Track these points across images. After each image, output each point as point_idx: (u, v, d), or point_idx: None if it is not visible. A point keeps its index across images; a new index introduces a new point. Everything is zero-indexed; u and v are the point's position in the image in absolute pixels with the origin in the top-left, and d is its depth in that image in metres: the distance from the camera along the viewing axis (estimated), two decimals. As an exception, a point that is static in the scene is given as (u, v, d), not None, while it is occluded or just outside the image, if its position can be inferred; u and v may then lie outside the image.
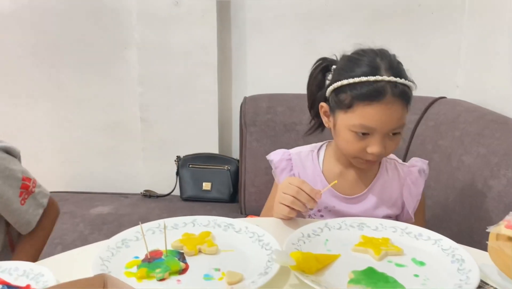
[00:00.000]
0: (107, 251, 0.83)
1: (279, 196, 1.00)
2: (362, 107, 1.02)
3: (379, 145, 1.03)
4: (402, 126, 1.06)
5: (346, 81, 1.04)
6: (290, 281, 0.77)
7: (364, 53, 1.07)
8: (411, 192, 1.15)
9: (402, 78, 1.03)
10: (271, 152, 1.23)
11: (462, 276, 0.77)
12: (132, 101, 2.12)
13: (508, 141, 1.32)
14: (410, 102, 1.05)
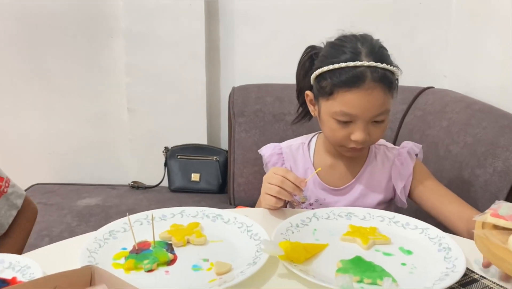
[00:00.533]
0: (94, 243, 0.83)
1: (265, 187, 1.00)
2: (342, 94, 1.01)
3: (362, 132, 1.02)
4: (386, 112, 1.04)
5: (326, 68, 1.03)
6: (278, 271, 0.78)
7: (346, 39, 1.06)
8: (400, 172, 1.14)
9: (384, 63, 1.01)
10: (263, 146, 1.23)
11: (449, 264, 0.78)
12: (119, 91, 2.09)
13: (494, 131, 1.34)
14: (393, 87, 1.04)
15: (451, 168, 1.41)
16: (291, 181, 0.97)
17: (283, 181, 0.97)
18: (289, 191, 0.97)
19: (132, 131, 2.11)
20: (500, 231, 0.65)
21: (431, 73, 1.99)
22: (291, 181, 0.97)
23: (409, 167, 1.14)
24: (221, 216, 0.95)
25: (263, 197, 1.01)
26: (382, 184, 1.15)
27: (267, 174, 1.03)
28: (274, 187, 0.97)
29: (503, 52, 1.63)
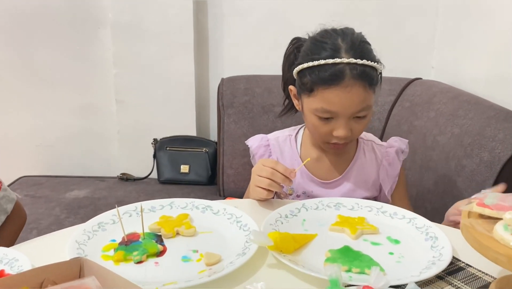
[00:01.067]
0: (83, 235, 0.82)
1: (255, 179, 1.00)
2: (322, 91, 1.01)
3: (344, 128, 1.02)
4: (367, 108, 1.03)
5: (306, 64, 1.02)
6: (268, 261, 0.78)
7: (326, 35, 1.05)
8: (388, 173, 1.16)
9: (364, 58, 1.00)
10: (250, 137, 1.23)
11: (435, 253, 0.79)
12: (106, 82, 2.08)
13: (481, 122, 1.35)
14: (374, 82, 1.03)
15: (438, 158, 1.43)
16: (281, 172, 0.97)
17: (273, 173, 0.97)
18: (278, 182, 0.97)
19: (120, 123, 2.10)
20: (485, 220, 0.66)
21: (418, 64, 2.00)
22: (280, 172, 0.97)
23: (397, 169, 1.16)
24: (210, 207, 0.95)
25: (253, 190, 1.01)
26: (369, 181, 1.16)
27: (256, 166, 1.02)
28: (264, 179, 0.97)
29: (490, 43, 1.65)
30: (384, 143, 1.20)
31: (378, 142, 1.20)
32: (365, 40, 1.06)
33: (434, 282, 0.73)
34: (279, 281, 0.73)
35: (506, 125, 1.28)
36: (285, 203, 0.98)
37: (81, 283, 0.60)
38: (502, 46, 1.56)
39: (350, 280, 0.72)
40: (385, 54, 1.08)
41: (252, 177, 1.02)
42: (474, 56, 1.75)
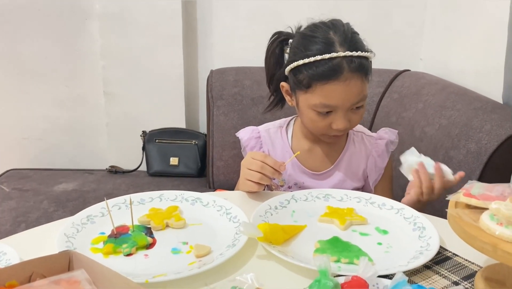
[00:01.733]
0: (72, 228, 0.82)
1: (244, 172, 1.00)
2: (320, 86, 1.01)
3: (343, 120, 1.03)
4: (364, 98, 1.05)
5: (301, 61, 1.02)
6: (257, 252, 0.79)
7: (316, 29, 1.04)
8: (376, 164, 1.17)
9: (358, 50, 1.00)
10: (241, 129, 1.22)
11: (423, 243, 0.80)
12: (94, 74, 2.06)
13: (468, 113, 1.36)
14: (369, 73, 1.04)
15: (426, 150, 1.44)
16: (270, 165, 0.97)
17: (263, 166, 0.97)
18: (268, 176, 0.97)
19: (109, 115, 2.09)
20: (472, 210, 0.67)
21: (407, 56, 2.01)
22: (270, 165, 0.97)
23: (385, 160, 1.17)
24: (200, 199, 0.95)
25: (243, 183, 1.01)
26: (359, 171, 1.17)
27: (245, 159, 1.02)
28: (254, 173, 0.97)
29: (477, 35, 1.66)
30: (374, 134, 1.21)
31: (368, 133, 1.21)
32: (355, 31, 1.06)
33: (421, 272, 0.74)
34: (269, 272, 0.73)
35: (492, 117, 1.29)
36: (274, 194, 0.99)
37: (70, 276, 0.60)
38: (490, 38, 1.57)
39: (339, 270, 0.72)
40: (374, 46, 1.08)
41: (242, 170, 1.02)
42: (462, 48, 1.76)
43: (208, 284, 0.69)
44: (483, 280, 0.68)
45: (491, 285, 0.67)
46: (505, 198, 0.65)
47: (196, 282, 0.69)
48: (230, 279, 0.70)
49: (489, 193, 0.68)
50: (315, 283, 0.60)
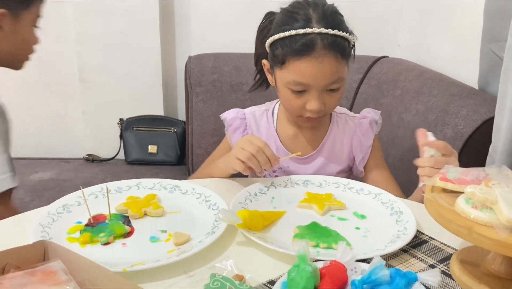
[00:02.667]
0: (47, 217, 0.81)
1: (237, 151, 0.96)
2: (293, 62, 0.99)
3: (317, 100, 1.01)
4: (340, 80, 1.02)
5: (277, 35, 1.01)
6: (237, 239, 0.78)
7: (299, 6, 1.03)
8: (361, 143, 1.15)
9: (335, 29, 0.98)
10: (225, 111, 1.20)
11: (400, 227, 0.81)
12: (70, 61, 2.01)
13: (444, 98, 1.38)
14: (346, 54, 1.02)
15: (403, 135, 1.46)
16: (267, 155, 0.94)
17: (259, 151, 0.94)
18: (260, 162, 0.94)
19: (85, 103, 2.05)
20: (448, 194, 0.68)
21: (385, 42, 2.02)
22: (266, 154, 0.94)
23: (370, 139, 1.15)
24: (178, 187, 0.94)
25: (232, 161, 0.97)
26: (344, 153, 1.16)
27: (243, 139, 0.99)
28: (247, 153, 0.94)
29: (454, 22, 1.68)
30: (357, 115, 1.20)
31: (351, 114, 1.20)
32: (337, 11, 1.05)
33: (398, 255, 0.75)
34: (248, 258, 0.73)
35: (468, 102, 1.31)
36: (254, 181, 0.98)
37: (45, 267, 0.59)
38: (466, 25, 1.59)
39: (318, 255, 0.73)
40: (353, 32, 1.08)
41: (235, 149, 0.98)
42: (438, 34, 1.78)
43: (188, 272, 0.69)
44: (458, 263, 0.70)
45: (466, 267, 0.68)
46: (480, 182, 0.66)
47: (175, 270, 0.69)
48: (209, 266, 0.70)
49: (464, 177, 0.69)
50: (294, 268, 0.60)
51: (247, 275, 0.66)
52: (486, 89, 1.37)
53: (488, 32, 1.31)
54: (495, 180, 0.65)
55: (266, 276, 0.68)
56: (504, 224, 0.58)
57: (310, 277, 0.58)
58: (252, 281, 0.66)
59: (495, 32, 1.27)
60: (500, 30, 1.22)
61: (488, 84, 1.36)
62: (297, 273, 0.59)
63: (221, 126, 1.81)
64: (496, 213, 0.60)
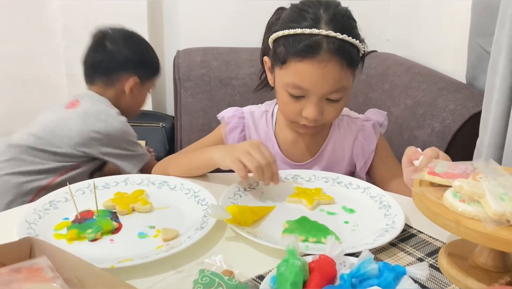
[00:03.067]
0: (33, 214, 0.79)
1: (241, 153, 0.88)
2: (294, 63, 0.93)
3: (314, 108, 0.95)
4: (343, 90, 0.95)
5: (281, 32, 0.95)
6: (226, 234, 0.78)
7: (309, 4, 0.96)
8: (363, 149, 1.09)
9: (345, 33, 0.92)
10: (213, 105, 1.17)
11: (389, 221, 0.81)
12: (56, 55, 1.99)
13: (432, 93, 1.39)
14: (354, 62, 0.96)
15: (392, 130, 1.46)
16: (273, 171, 0.88)
17: (268, 165, 0.87)
18: (265, 176, 0.88)
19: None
20: (436, 188, 0.69)
21: (374, 37, 2.02)
22: (273, 170, 0.88)
23: (373, 143, 1.09)
24: (167, 182, 0.93)
25: (231, 160, 0.89)
26: (345, 159, 1.10)
27: (249, 142, 0.91)
28: (255, 161, 0.86)
29: (442, 17, 1.68)
30: (360, 116, 1.13)
31: (354, 115, 1.14)
32: (350, 15, 0.98)
33: (387, 249, 0.75)
34: (238, 253, 0.73)
35: (456, 96, 1.32)
36: (243, 176, 0.98)
37: (31, 264, 0.58)
38: (454, 19, 1.60)
39: (307, 249, 0.73)
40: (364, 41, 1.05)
41: (238, 150, 0.89)
42: (427, 29, 1.79)
43: (176, 268, 0.68)
44: (446, 256, 0.70)
45: (454, 260, 0.69)
46: (468, 175, 0.66)
47: (164, 266, 0.68)
48: (198, 262, 0.70)
49: (452, 171, 0.69)
50: (283, 262, 0.60)
51: (236, 270, 0.66)
52: (474, 83, 1.38)
53: (475, 27, 1.31)
54: (482, 173, 0.65)
55: (255, 271, 0.68)
56: (491, 217, 0.59)
57: (299, 272, 0.58)
58: (241, 276, 0.65)
59: (482, 26, 1.28)
60: (487, 25, 1.23)
61: (476, 79, 1.37)
62: (286, 268, 0.59)
63: (210, 121, 1.81)
64: (484, 206, 0.61)
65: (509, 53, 1.03)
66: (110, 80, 1.44)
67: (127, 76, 1.44)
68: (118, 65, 1.44)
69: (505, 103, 1.06)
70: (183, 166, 1.00)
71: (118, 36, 1.46)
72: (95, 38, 1.48)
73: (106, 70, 1.44)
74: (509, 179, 0.64)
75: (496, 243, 0.58)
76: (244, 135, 1.12)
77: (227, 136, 1.12)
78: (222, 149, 0.96)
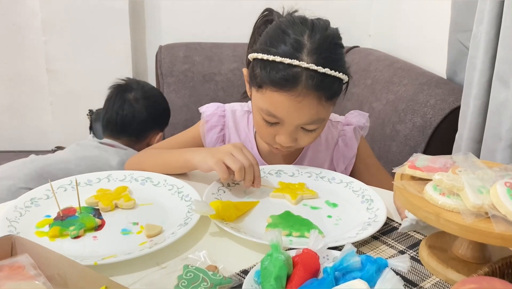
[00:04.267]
0: (14, 212, 0.78)
1: (223, 155, 0.86)
2: (270, 92, 0.87)
3: (288, 137, 0.91)
4: (319, 122, 0.91)
5: (260, 55, 0.88)
6: (210, 230, 0.78)
7: (293, 25, 0.88)
8: (344, 154, 1.07)
9: (327, 66, 0.85)
10: (196, 101, 1.15)
11: (371, 215, 0.83)
12: (36, 51, 1.96)
13: (413, 88, 1.41)
14: (335, 95, 0.90)
15: (374, 125, 1.48)
16: (255, 174, 0.87)
17: (250, 167, 0.86)
18: (247, 178, 0.87)
19: (52, 94, 2.00)
20: (417, 182, 0.70)
21: (356, 32, 2.04)
22: (255, 173, 0.87)
23: (353, 149, 1.06)
24: (150, 178, 0.93)
25: (213, 161, 0.87)
26: (325, 164, 1.08)
27: (231, 145, 0.89)
28: (238, 162, 0.85)
29: (423, 12, 1.70)
30: (341, 119, 1.10)
31: (335, 119, 1.10)
32: (337, 42, 0.91)
33: (369, 242, 0.76)
34: (221, 248, 0.73)
35: (437, 91, 1.34)
36: (226, 171, 0.98)
37: (13, 262, 0.57)
38: (434, 15, 1.62)
39: (291, 243, 0.73)
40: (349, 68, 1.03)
41: (220, 151, 0.88)
42: (409, 24, 1.81)
43: (160, 264, 0.68)
44: (427, 248, 0.71)
45: (434, 252, 0.70)
46: (448, 169, 0.68)
47: (148, 262, 0.68)
48: (182, 257, 0.70)
49: (432, 165, 0.70)
50: (267, 257, 0.60)
51: (221, 265, 0.66)
52: (454, 78, 1.41)
53: (455, 23, 1.33)
54: (462, 167, 0.67)
55: (240, 265, 0.68)
56: (470, 209, 0.60)
57: (283, 266, 0.59)
58: (226, 271, 0.66)
59: (462, 22, 1.30)
60: (467, 21, 1.25)
61: (455, 74, 1.39)
62: (270, 262, 0.59)
63: (193, 117, 1.80)
64: (463, 199, 0.62)
65: (486, 48, 1.05)
66: (138, 138, 1.56)
67: (154, 133, 1.59)
68: (147, 127, 1.56)
69: (483, 98, 1.08)
70: (159, 165, 0.97)
71: (140, 94, 1.55)
72: (115, 93, 1.56)
73: (135, 131, 1.55)
74: (487, 172, 0.65)
75: (475, 235, 0.59)
76: (223, 135, 1.09)
77: (206, 134, 1.09)
78: (202, 151, 0.93)
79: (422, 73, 1.49)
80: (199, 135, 1.11)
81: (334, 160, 1.08)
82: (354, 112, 1.11)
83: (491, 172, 0.65)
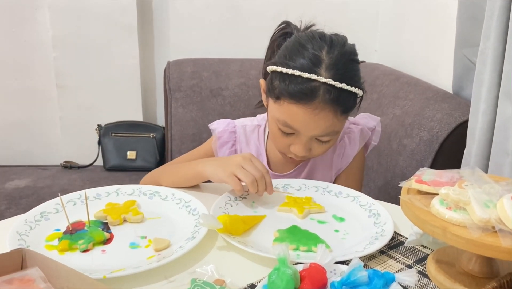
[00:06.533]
0: (24, 225, 0.79)
1: (234, 168, 0.88)
2: (288, 104, 0.91)
3: (303, 147, 0.95)
4: (333, 134, 0.95)
5: (280, 68, 0.92)
6: (217, 244, 0.79)
7: (311, 40, 0.92)
8: (345, 152, 1.09)
9: (344, 82, 0.88)
10: (215, 121, 1.13)
11: (378, 229, 0.83)
12: (46, 66, 1.99)
13: (420, 102, 1.41)
14: (350, 108, 0.94)
15: (381, 139, 1.47)
16: (266, 182, 0.89)
17: (262, 178, 0.88)
18: (260, 189, 0.89)
19: (62, 109, 2.02)
20: (423, 196, 0.70)
21: (362, 48, 2.03)
22: (266, 182, 0.89)
23: (355, 149, 1.09)
24: (158, 192, 0.94)
25: (225, 174, 0.89)
26: (328, 166, 1.10)
27: (241, 156, 0.91)
28: (249, 175, 0.87)
29: (429, 27, 1.71)
30: (350, 118, 1.11)
31: None
32: (354, 58, 0.95)
33: (377, 257, 0.76)
34: (229, 263, 0.74)
35: (443, 106, 1.34)
36: (234, 186, 0.98)
37: (23, 275, 0.58)
38: (440, 30, 1.63)
39: (298, 258, 0.73)
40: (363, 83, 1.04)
41: (231, 164, 0.90)
42: (414, 39, 1.82)
43: (168, 277, 0.69)
44: (434, 263, 0.71)
45: (442, 267, 0.70)
46: (454, 183, 0.68)
47: (156, 275, 0.69)
48: (190, 271, 0.70)
49: (439, 179, 0.70)
50: (274, 271, 0.61)
51: (228, 279, 0.66)
52: (460, 93, 1.41)
53: (461, 38, 1.34)
54: (468, 181, 0.67)
55: (247, 279, 0.68)
56: (477, 223, 0.60)
57: (290, 280, 0.59)
58: (233, 285, 0.66)
59: (468, 37, 1.30)
60: (472, 36, 1.26)
61: (462, 89, 1.40)
62: (278, 276, 0.60)
63: (201, 131, 1.82)
64: (469, 213, 0.62)
65: (494, 64, 1.05)
66: None
67: None
68: None
69: (491, 114, 1.08)
70: (173, 178, 1.00)
71: None
72: None
73: None
74: (494, 186, 0.65)
75: (482, 249, 0.59)
76: (235, 150, 1.12)
77: (218, 150, 1.12)
78: (213, 162, 0.96)
79: (428, 87, 1.49)
80: (212, 152, 1.13)
81: (335, 155, 1.09)
82: (364, 115, 1.13)
83: (497, 186, 0.65)
